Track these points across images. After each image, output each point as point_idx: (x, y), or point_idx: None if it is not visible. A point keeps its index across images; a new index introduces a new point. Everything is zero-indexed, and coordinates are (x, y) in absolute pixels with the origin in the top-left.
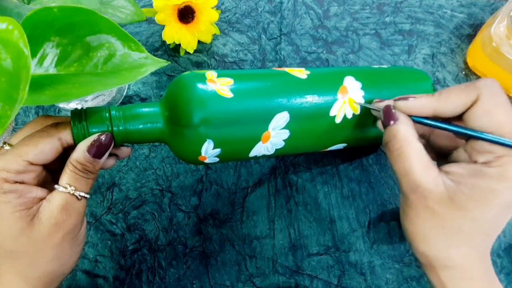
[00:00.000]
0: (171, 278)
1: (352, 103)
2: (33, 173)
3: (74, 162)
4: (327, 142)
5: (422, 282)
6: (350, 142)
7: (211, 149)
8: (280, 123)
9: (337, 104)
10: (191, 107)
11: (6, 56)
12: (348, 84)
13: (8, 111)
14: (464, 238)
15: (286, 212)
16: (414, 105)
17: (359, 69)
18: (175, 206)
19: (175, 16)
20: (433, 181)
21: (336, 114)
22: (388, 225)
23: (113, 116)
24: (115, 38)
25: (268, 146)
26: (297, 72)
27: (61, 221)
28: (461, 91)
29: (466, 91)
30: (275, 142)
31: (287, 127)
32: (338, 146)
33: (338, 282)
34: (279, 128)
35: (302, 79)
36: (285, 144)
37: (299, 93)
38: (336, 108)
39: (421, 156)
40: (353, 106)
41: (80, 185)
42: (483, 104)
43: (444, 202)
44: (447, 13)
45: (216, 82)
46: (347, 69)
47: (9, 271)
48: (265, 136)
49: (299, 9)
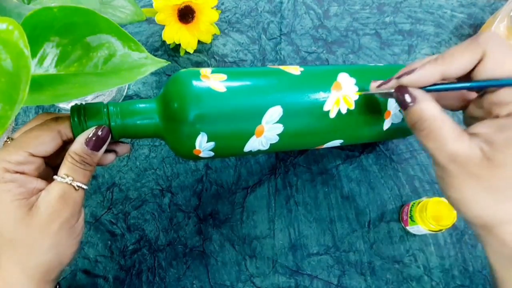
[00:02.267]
0: (171, 278)
1: (346, 98)
2: (34, 165)
3: (73, 154)
4: (322, 137)
5: (422, 282)
6: (345, 138)
7: (205, 142)
8: (274, 117)
9: (331, 99)
10: (186, 103)
11: (6, 56)
12: (342, 80)
13: (8, 112)
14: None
15: (286, 212)
16: (420, 75)
17: (354, 66)
18: (175, 206)
19: (175, 16)
20: (468, 148)
21: (330, 109)
22: (388, 225)
23: (110, 112)
24: (115, 38)
25: (262, 141)
26: (291, 69)
27: (59, 210)
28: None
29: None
30: (269, 136)
31: (281, 122)
32: (334, 142)
33: (338, 282)
34: (273, 122)
35: (295, 75)
36: (280, 139)
37: (292, 88)
38: (330, 103)
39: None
40: (348, 101)
41: (78, 176)
42: (492, 58)
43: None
44: (447, 13)
45: (209, 78)
46: (341, 66)
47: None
48: (259, 130)
49: (299, 9)
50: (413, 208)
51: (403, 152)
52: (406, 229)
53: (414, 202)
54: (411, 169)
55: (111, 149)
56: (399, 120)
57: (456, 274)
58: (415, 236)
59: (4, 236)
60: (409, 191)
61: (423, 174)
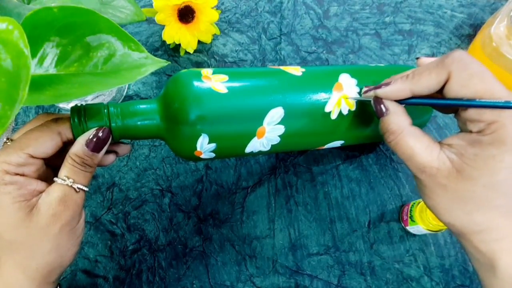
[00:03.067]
0: (171, 278)
1: (347, 99)
2: (34, 166)
3: (73, 155)
4: (323, 138)
5: (422, 282)
6: (346, 139)
7: (206, 143)
8: (275, 119)
9: (332, 100)
10: (187, 104)
11: (6, 56)
12: (344, 81)
13: (8, 111)
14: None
15: (286, 212)
16: (391, 90)
17: (355, 67)
18: (175, 206)
19: (175, 16)
20: (437, 159)
21: (332, 110)
22: (388, 225)
23: (111, 112)
24: (115, 38)
25: (263, 142)
26: (293, 69)
27: (59, 212)
28: (431, 71)
29: (436, 71)
30: (271, 137)
31: (282, 123)
32: (335, 143)
33: (338, 282)
34: (274, 123)
35: (296, 76)
36: (281, 140)
37: (293, 89)
38: (331, 104)
39: (419, 138)
40: (349, 103)
41: (79, 178)
42: (457, 79)
43: (452, 176)
44: (447, 13)
45: (211, 79)
46: (343, 67)
47: (8, 262)
48: (260, 131)
49: (299, 9)
50: (413, 208)
51: None
52: (406, 229)
53: (414, 202)
54: None
55: (111, 150)
56: None
57: (456, 274)
58: (415, 236)
59: (4, 238)
60: (409, 191)
61: None
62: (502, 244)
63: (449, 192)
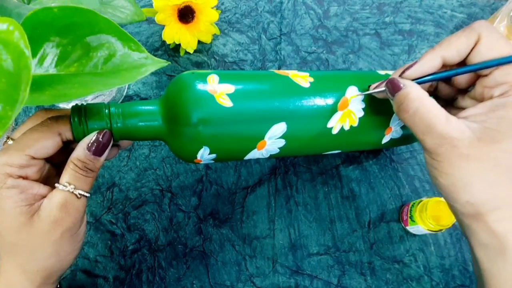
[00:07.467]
0: (171, 278)
1: (351, 115)
2: (35, 167)
3: (75, 160)
4: (321, 149)
5: (422, 282)
6: (343, 149)
7: (206, 154)
8: (277, 133)
9: (336, 117)
10: (190, 107)
11: (7, 57)
12: (350, 94)
13: (8, 112)
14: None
15: (286, 212)
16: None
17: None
18: (175, 206)
19: (175, 16)
20: (457, 128)
21: (333, 126)
22: (388, 225)
23: (112, 113)
24: (115, 38)
25: (263, 153)
26: (301, 78)
27: (60, 219)
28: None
29: (465, 34)
30: (270, 149)
31: (283, 137)
32: (332, 152)
33: (338, 282)
34: (275, 137)
35: (304, 88)
36: (280, 151)
37: (299, 104)
38: (334, 120)
39: (438, 108)
40: (352, 119)
41: (80, 184)
42: (486, 41)
43: (474, 145)
44: (447, 13)
45: (216, 89)
46: (351, 77)
47: (9, 262)
48: (261, 144)
49: (299, 9)
50: (413, 208)
51: (403, 152)
52: (406, 229)
53: (414, 202)
54: (411, 169)
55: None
56: (399, 135)
57: (456, 274)
58: (415, 236)
59: (6, 241)
60: (409, 191)
61: (423, 174)
62: None
63: (471, 162)
